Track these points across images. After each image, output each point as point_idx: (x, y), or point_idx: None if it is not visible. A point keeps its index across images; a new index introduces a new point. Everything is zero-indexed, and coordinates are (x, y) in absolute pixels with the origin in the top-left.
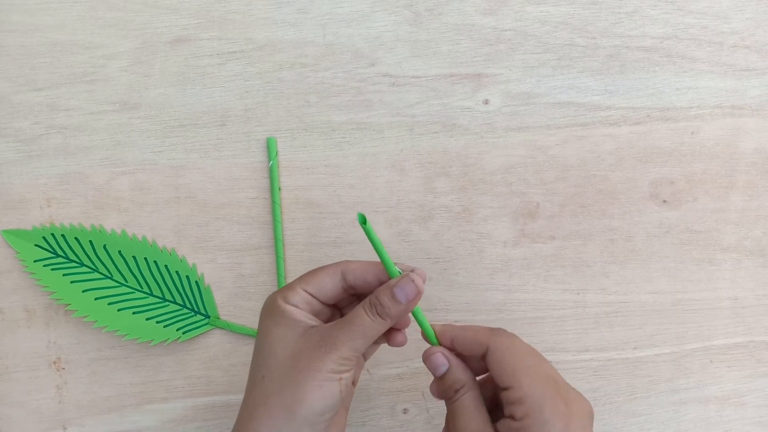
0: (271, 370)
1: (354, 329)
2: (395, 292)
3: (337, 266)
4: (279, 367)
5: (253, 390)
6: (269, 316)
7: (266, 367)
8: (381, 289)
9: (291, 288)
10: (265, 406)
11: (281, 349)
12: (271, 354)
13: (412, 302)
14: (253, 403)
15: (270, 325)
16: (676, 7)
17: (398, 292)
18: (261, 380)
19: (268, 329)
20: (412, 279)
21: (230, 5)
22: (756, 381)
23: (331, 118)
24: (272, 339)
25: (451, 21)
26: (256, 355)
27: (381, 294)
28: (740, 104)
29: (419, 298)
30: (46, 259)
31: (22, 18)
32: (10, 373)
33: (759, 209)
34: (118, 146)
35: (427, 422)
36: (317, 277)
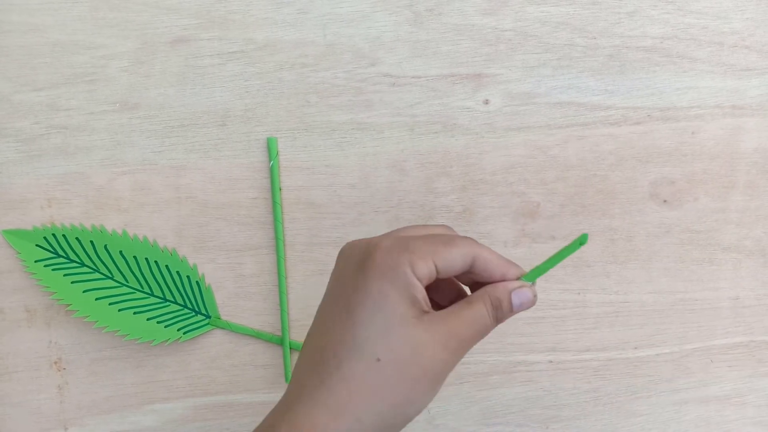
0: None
1: (478, 329)
2: (513, 297)
3: (470, 247)
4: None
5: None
6: (390, 280)
7: (380, 349)
8: (501, 291)
9: (422, 257)
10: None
11: (403, 332)
12: (389, 335)
13: (521, 310)
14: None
15: (391, 292)
16: (677, 7)
17: (515, 297)
18: (375, 363)
19: (386, 296)
20: (529, 288)
21: (230, 5)
22: (757, 381)
23: (332, 118)
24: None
25: (451, 21)
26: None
27: (503, 294)
28: (740, 104)
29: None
30: (46, 260)
31: (22, 18)
32: (10, 373)
33: (759, 209)
34: (118, 146)
35: (427, 422)
36: (451, 254)
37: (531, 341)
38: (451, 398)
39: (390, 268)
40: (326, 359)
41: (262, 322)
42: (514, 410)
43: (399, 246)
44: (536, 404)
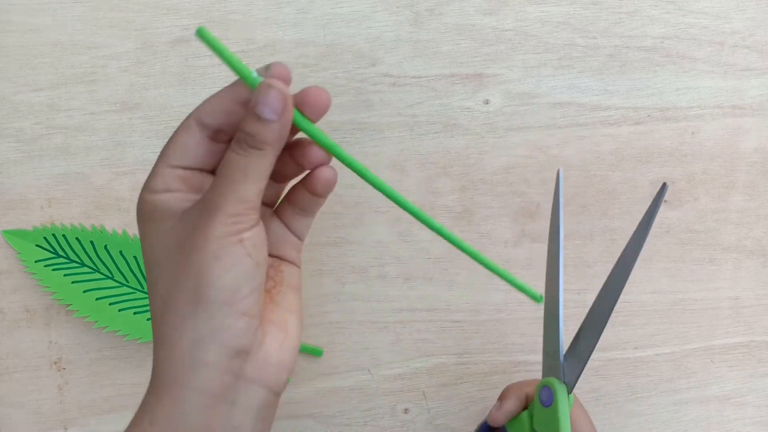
0: (160, 274)
1: (230, 176)
2: (258, 112)
3: (189, 118)
4: (166, 265)
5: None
6: (142, 221)
7: (155, 275)
8: (243, 117)
9: (154, 172)
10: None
11: (163, 247)
12: (156, 259)
13: (285, 115)
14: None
15: (146, 229)
16: (677, 7)
17: (261, 109)
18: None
19: (146, 235)
20: (270, 84)
21: (231, 6)
22: (757, 381)
23: (332, 118)
24: (152, 243)
25: (451, 21)
26: (146, 270)
27: (244, 122)
28: (741, 104)
29: (290, 107)
30: (46, 260)
31: (22, 18)
32: (10, 373)
33: (759, 209)
34: (118, 146)
35: (428, 422)
36: (173, 144)
37: (531, 341)
38: (451, 398)
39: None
40: None
41: None
42: None
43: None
44: None
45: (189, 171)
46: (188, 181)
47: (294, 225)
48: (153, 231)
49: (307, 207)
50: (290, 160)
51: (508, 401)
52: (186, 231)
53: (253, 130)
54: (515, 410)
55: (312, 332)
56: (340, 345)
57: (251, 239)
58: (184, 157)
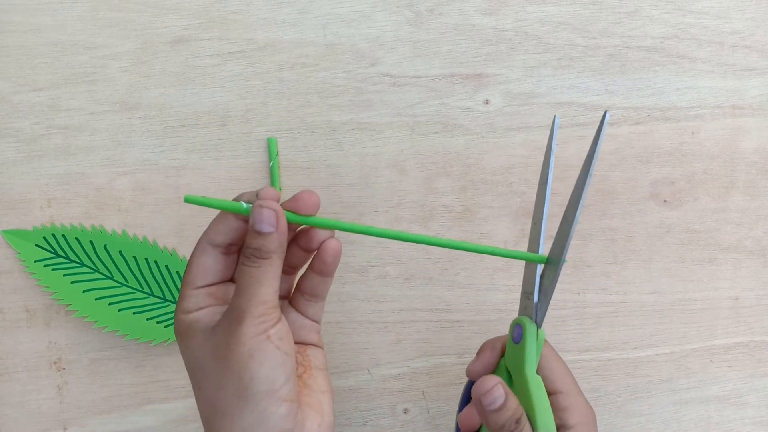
0: (205, 379)
1: (247, 287)
2: (257, 228)
3: (201, 241)
4: (209, 371)
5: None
6: (180, 337)
7: (200, 380)
8: (247, 235)
9: (182, 297)
10: (216, 408)
11: (203, 356)
12: (198, 367)
13: (280, 224)
14: (207, 414)
15: (185, 344)
16: (677, 7)
17: (259, 226)
18: (200, 392)
19: (186, 349)
20: (261, 204)
21: (231, 5)
22: (757, 381)
23: (332, 118)
24: (192, 355)
25: (451, 21)
26: (190, 377)
27: (248, 239)
28: (741, 104)
29: (283, 217)
30: (46, 260)
31: (22, 18)
32: (10, 373)
33: (759, 209)
34: (118, 146)
35: (428, 422)
36: (194, 267)
37: None
38: (451, 398)
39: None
40: None
41: None
42: None
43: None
44: None
45: (213, 287)
46: (214, 295)
47: (309, 311)
48: (192, 344)
49: (317, 291)
50: (297, 250)
51: (484, 353)
52: (220, 340)
53: (257, 245)
54: (492, 362)
55: None
56: (340, 345)
57: (277, 333)
58: (206, 277)
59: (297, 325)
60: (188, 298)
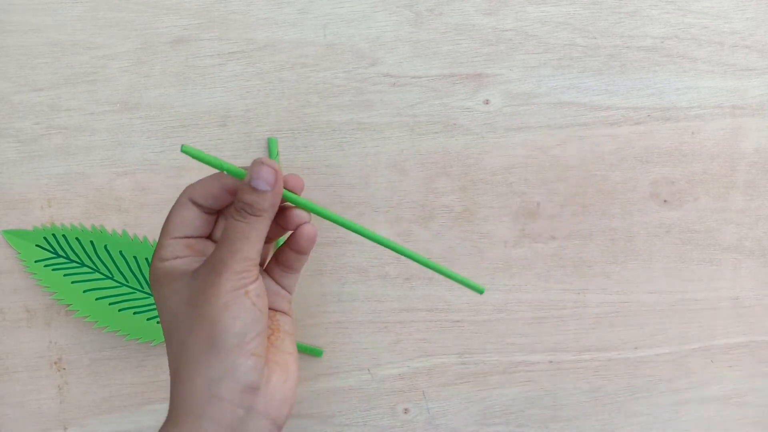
0: (177, 325)
1: (233, 240)
2: (254, 185)
3: (181, 197)
4: (182, 317)
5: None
6: (156, 284)
7: (172, 327)
8: (240, 190)
9: (160, 245)
10: (185, 353)
11: (178, 302)
12: (171, 314)
13: (277, 185)
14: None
15: (160, 291)
16: (677, 7)
17: (256, 182)
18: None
19: (160, 297)
20: (262, 161)
21: (231, 5)
22: (757, 381)
23: (332, 118)
24: (167, 302)
25: (451, 21)
26: (162, 323)
27: (242, 194)
28: (741, 104)
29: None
30: (46, 260)
31: (22, 18)
32: (10, 373)
33: (759, 209)
34: (118, 146)
35: (428, 422)
36: (173, 219)
37: (531, 341)
38: (451, 398)
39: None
40: None
41: None
42: (514, 410)
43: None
44: (536, 404)
45: (191, 239)
46: (192, 247)
47: (283, 281)
48: (167, 291)
49: (293, 265)
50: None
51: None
52: (197, 287)
53: (251, 200)
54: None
55: (312, 332)
56: (340, 345)
57: (255, 291)
58: (185, 229)
59: (270, 291)
60: (166, 247)
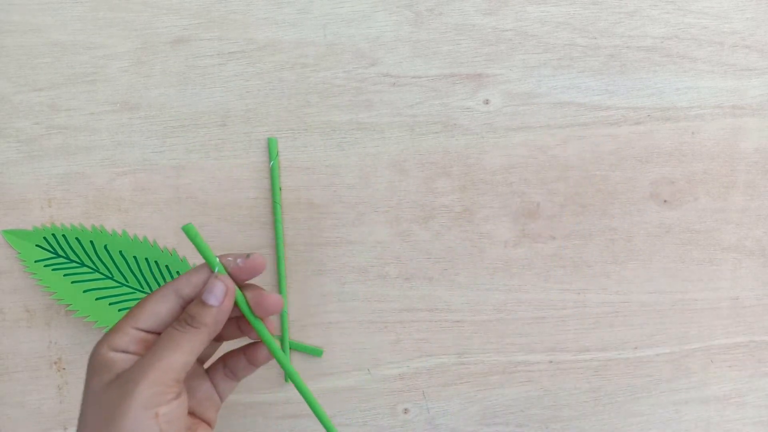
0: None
1: (162, 347)
2: (204, 298)
3: (168, 287)
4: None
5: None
6: (90, 370)
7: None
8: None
9: (118, 329)
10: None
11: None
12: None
13: (225, 303)
14: None
15: (91, 379)
16: (677, 7)
17: (207, 296)
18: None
19: (88, 385)
20: (218, 277)
21: (231, 5)
22: (757, 381)
23: (332, 118)
24: (88, 396)
25: (451, 21)
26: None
27: (190, 306)
28: (741, 104)
29: (232, 297)
30: (46, 260)
31: (22, 18)
32: (10, 373)
33: (760, 209)
34: (118, 146)
35: (428, 422)
36: (146, 308)
37: (531, 341)
38: (451, 398)
39: (91, 358)
40: None
41: None
42: (514, 410)
43: (105, 334)
44: (536, 404)
45: (151, 335)
46: (147, 344)
47: (221, 386)
48: (95, 385)
49: (239, 373)
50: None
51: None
52: (111, 395)
53: (194, 312)
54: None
55: (312, 332)
56: (340, 345)
57: (167, 415)
58: (152, 323)
59: (202, 396)
60: (123, 335)
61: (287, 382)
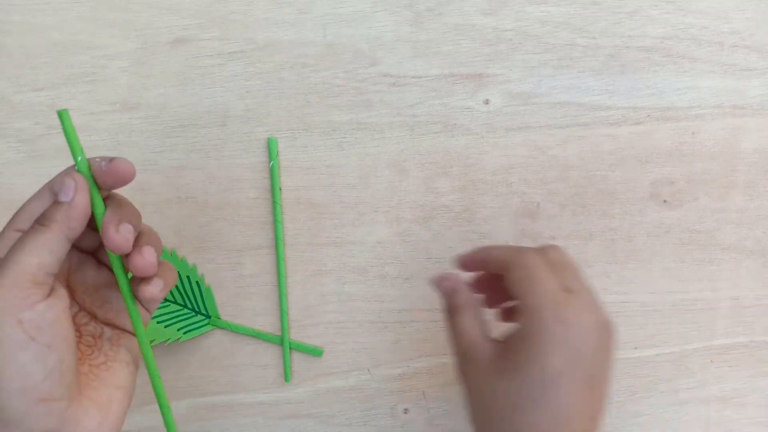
0: None
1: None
2: (57, 194)
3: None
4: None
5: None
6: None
7: None
8: None
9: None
10: None
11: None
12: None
13: (77, 197)
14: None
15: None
16: (677, 7)
17: (58, 192)
18: None
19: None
20: (69, 174)
21: (231, 5)
22: (757, 381)
23: (332, 118)
24: None
25: (451, 21)
26: None
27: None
28: (741, 104)
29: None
30: None
31: (22, 18)
32: None
33: (759, 209)
34: (118, 146)
35: (428, 422)
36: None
37: None
38: (451, 398)
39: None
40: None
41: (262, 322)
42: None
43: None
44: None
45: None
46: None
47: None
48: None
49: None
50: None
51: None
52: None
53: (46, 211)
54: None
55: (312, 332)
56: (340, 345)
57: (33, 320)
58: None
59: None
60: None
61: (288, 382)
